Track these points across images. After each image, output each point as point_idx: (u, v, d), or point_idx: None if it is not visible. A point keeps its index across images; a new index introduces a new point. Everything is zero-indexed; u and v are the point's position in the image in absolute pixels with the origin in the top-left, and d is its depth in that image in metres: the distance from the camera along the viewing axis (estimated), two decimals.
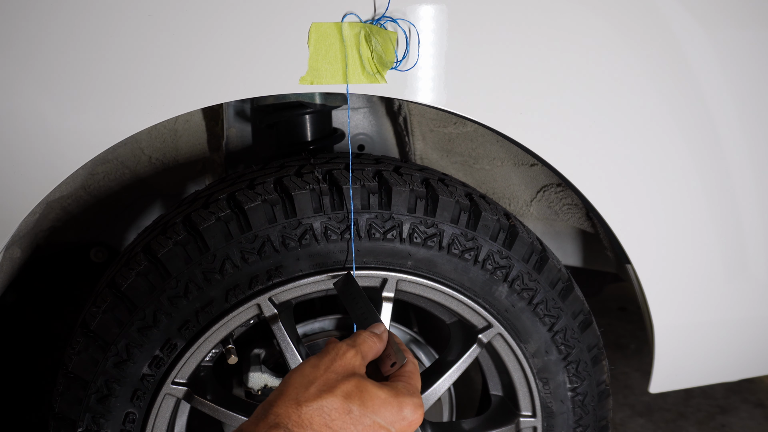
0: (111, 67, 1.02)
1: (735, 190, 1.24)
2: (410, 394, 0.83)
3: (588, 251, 1.66)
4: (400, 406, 0.82)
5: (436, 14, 1.06)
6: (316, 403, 0.79)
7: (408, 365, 0.88)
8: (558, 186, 1.52)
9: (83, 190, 1.52)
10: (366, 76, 1.06)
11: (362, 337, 0.88)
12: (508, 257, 1.19)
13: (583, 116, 1.15)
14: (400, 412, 0.82)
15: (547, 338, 1.24)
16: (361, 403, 0.80)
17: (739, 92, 1.19)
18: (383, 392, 0.82)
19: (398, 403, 0.82)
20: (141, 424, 1.15)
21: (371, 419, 0.80)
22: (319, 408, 0.79)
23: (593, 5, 1.10)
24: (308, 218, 1.11)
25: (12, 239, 1.15)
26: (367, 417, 0.80)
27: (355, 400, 0.80)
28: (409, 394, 0.83)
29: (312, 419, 0.79)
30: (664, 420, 2.12)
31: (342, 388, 0.81)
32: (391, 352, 0.89)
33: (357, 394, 0.81)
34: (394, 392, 0.83)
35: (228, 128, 1.49)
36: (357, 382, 0.82)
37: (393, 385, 0.84)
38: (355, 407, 0.80)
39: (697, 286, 1.30)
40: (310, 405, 0.79)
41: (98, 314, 1.12)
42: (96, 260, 1.65)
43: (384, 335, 0.91)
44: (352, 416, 0.80)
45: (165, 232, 1.12)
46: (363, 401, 0.80)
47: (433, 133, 1.51)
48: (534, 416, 1.28)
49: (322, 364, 0.83)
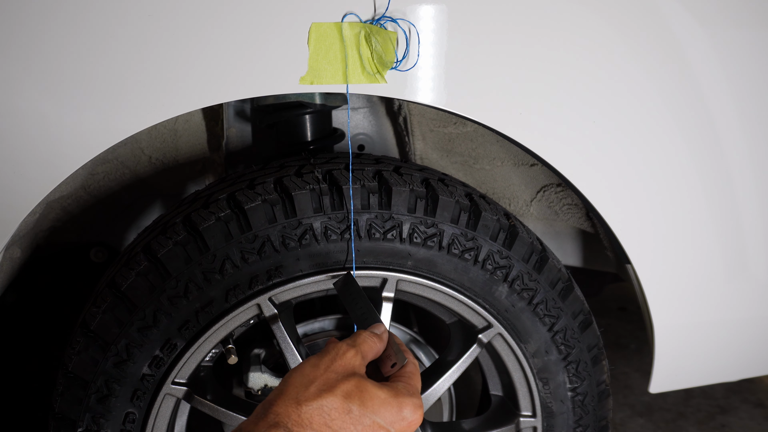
0: (111, 67, 1.02)
1: (735, 190, 1.24)
2: (410, 395, 0.83)
3: (588, 251, 1.66)
4: (399, 407, 0.82)
5: (436, 14, 1.06)
6: (316, 403, 0.79)
7: (408, 366, 0.88)
8: (558, 186, 1.52)
9: (83, 190, 1.52)
10: (366, 76, 1.06)
11: (362, 337, 0.88)
12: (508, 257, 1.19)
13: (583, 116, 1.15)
14: (399, 412, 0.82)
15: (547, 338, 1.24)
16: (360, 402, 0.80)
17: (739, 92, 1.19)
18: (383, 392, 0.82)
19: (398, 403, 0.82)
20: (141, 424, 1.15)
21: (371, 419, 0.80)
22: (319, 407, 0.79)
23: (593, 5, 1.10)
24: (308, 218, 1.11)
25: (12, 239, 1.15)
26: (366, 417, 0.80)
27: (355, 399, 0.80)
28: (409, 394, 0.83)
29: (312, 419, 0.79)
30: (664, 420, 2.12)
31: (342, 387, 0.81)
32: (391, 353, 0.89)
33: (357, 394, 0.81)
34: (394, 392, 0.83)
35: (228, 128, 1.49)
36: (357, 382, 0.82)
37: (393, 386, 0.84)
38: (355, 407, 0.80)
39: (697, 286, 1.30)
40: (310, 404, 0.79)
41: (98, 314, 1.12)
42: (96, 260, 1.65)
43: (384, 335, 0.91)
44: (352, 416, 0.80)
45: (165, 232, 1.12)
46: (363, 401, 0.80)
47: (433, 133, 1.51)
48: (534, 416, 1.28)
49: (323, 363, 0.83)
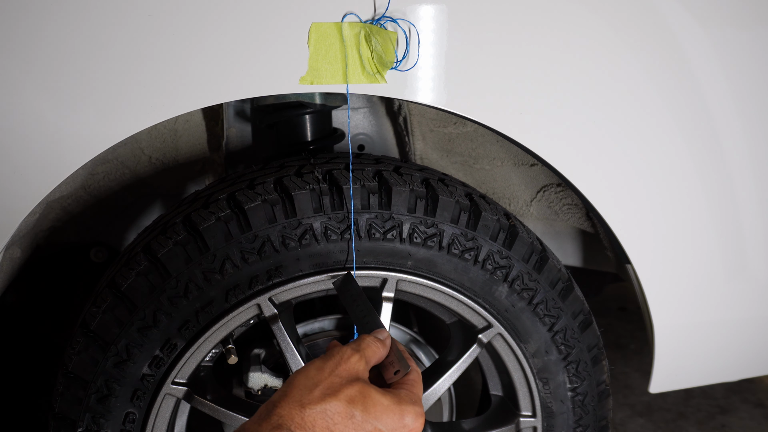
0: (111, 67, 1.02)
1: (735, 189, 1.24)
2: (412, 403, 0.84)
3: (588, 251, 1.66)
4: (402, 414, 0.82)
5: (436, 14, 1.06)
6: (319, 406, 0.79)
7: (411, 374, 0.88)
8: (558, 186, 1.51)
9: (83, 190, 1.52)
10: (366, 76, 1.06)
11: (366, 341, 0.88)
12: (508, 257, 1.19)
13: (583, 116, 1.15)
14: (401, 419, 0.82)
15: (547, 338, 1.24)
16: (363, 408, 0.81)
17: (739, 92, 1.19)
18: (386, 399, 0.82)
19: (400, 410, 0.82)
20: (141, 424, 1.15)
21: (373, 425, 0.80)
22: (322, 411, 0.79)
23: (593, 5, 1.10)
24: (308, 218, 1.11)
25: (12, 239, 1.15)
26: (368, 423, 0.80)
27: (358, 405, 0.81)
28: (411, 402, 0.84)
29: (315, 422, 0.79)
30: (664, 420, 2.12)
31: (346, 392, 0.81)
32: (394, 359, 0.90)
33: (360, 400, 0.81)
34: (397, 399, 0.83)
35: (228, 128, 1.49)
36: (361, 388, 0.82)
37: (396, 393, 0.84)
38: (358, 412, 0.80)
39: (697, 286, 1.30)
40: (314, 408, 0.79)
41: (98, 314, 1.12)
42: (96, 260, 1.65)
43: (387, 341, 0.91)
44: (355, 421, 0.80)
45: (165, 232, 1.12)
46: (366, 407, 0.81)
47: (433, 133, 1.51)
48: (534, 416, 1.28)
49: (327, 367, 0.84)
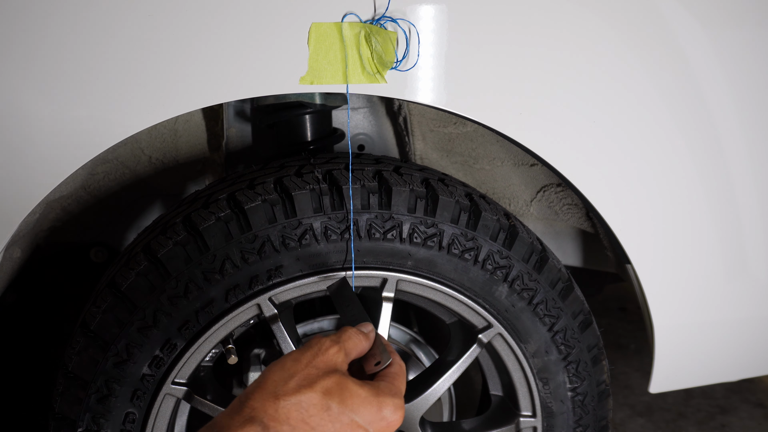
0: (111, 67, 1.02)
1: (735, 189, 1.24)
2: (392, 395, 0.81)
3: (588, 251, 1.66)
4: (379, 406, 0.80)
5: (436, 14, 1.06)
6: (294, 398, 0.77)
7: (393, 366, 0.86)
8: (558, 186, 1.51)
9: (83, 190, 1.52)
10: (366, 76, 1.06)
11: (347, 333, 0.86)
12: (508, 257, 1.19)
13: (583, 116, 1.15)
14: (379, 411, 0.80)
15: (547, 338, 1.24)
16: (340, 400, 0.78)
17: (739, 92, 1.19)
18: (364, 390, 0.80)
19: (378, 402, 0.80)
20: (141, 424, 1.15)
21: (349, 417, 0.78)
22: (297, 403, 0.77)
23: (593, 5, 1.10)
24: (308, 218, 1.11)
25: (12, 239, 1.15)
26: (345, 415, 0.78)
27: (334, 396, 0.78)
28: (390, 394, 0.81)
29: (289, 414, 0.77)
30: (664, 420, 2.12)
31: (322, 384, 0.79)
32: (376, 352, 0.87)
33: (337, 391, 0.79)
34: (375, 391, 0.81)
35: (228, 128, 1.49)
36: (338, 379, 0.80)
37: (375, 384, 0.82)
38: (334, 404, 0.78)
39: (697, 286, 1.30)
40: (288, 399, 0.77)
41: (98, 314, 1.12)
42: (96, 260, 1.65)
43: (371, 334, 0.89)
44: (330, 413, 0.78)
45: (165, 232, 1.12)
46: (342, 398, 0.78)
47: (433, 133, 1.51)
48: (534, 416, 1.28)
49: (304, 358, 0.81)
